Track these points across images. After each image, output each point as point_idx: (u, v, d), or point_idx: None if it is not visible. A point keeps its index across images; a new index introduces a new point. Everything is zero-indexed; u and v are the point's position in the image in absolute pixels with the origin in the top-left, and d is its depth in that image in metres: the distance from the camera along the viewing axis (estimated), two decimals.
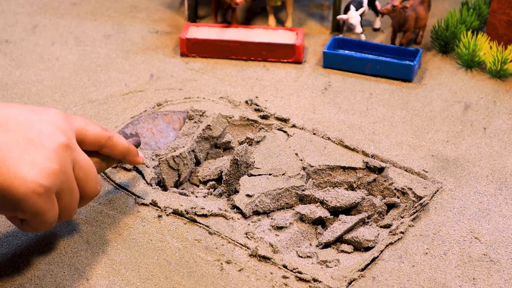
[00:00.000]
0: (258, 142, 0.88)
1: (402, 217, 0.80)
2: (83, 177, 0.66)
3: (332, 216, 0.79)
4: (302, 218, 0.78)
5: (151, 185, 0.82)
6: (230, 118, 0.93)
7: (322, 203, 0.80)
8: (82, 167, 0.66)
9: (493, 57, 1.05)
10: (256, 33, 1.13)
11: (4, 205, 0.61)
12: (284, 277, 0.70)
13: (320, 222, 0.79)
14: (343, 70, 1.08)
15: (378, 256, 0.74)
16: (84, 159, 0.66)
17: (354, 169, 0.85)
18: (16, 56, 1.10)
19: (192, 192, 0.83)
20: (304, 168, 0.85)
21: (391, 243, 0.75)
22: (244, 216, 0.78)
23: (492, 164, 0.88)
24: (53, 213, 0.63)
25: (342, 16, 1.12)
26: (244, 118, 0.94)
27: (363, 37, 1.14)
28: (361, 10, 1.12)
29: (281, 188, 0.81)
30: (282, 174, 0.83)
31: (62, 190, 0.63)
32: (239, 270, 0.71)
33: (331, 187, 0.83)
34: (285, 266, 0.71)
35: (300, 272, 0.71)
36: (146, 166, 0.84)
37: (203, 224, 0.76)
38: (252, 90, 1.02)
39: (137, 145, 0.78)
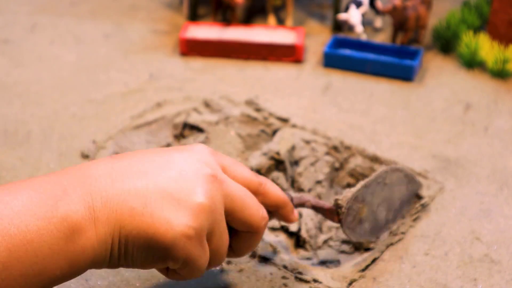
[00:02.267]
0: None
1: (403, 218, 0.79)
2: (240, 207, 0.58)
3: None
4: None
5: None
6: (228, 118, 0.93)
7: None
8: (237, 197, 0.58)
9: (494, 57, 1.05)
10: (256, 33, 1.13)
11: (152, 256, 0.55)
12: (284, 277, 0.70)
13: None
14: (343, 70, 1.08)
15: (378, 257, 0.73)
16: (238, 188, 0.58)
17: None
18: (15, 55, 1.10)
19: None
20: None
21: (391, 244, 0.75)
22: None
23: (494, 164, 0.88)
24: (205, 258, 0.56)
25: (342, 15, 1.12)
26: (245, 114, 0.93)
27: (363, 37, 1.13)
28: (361, 9, 1.11)
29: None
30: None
31: (212, 230, 0.56)
32: (239, 271, 0.71)
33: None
34: (285, 267, 0.71)
35: (300, 273, 0.70)
36: None
37: None
38: (252, 90, 1.02)
39: (290, 199, 0.68)
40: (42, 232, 0.51)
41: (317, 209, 0.71)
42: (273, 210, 0.64)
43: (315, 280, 0.70)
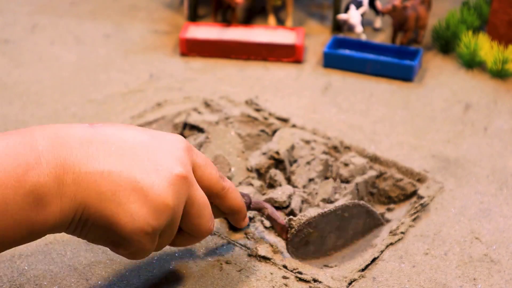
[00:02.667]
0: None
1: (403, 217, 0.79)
2: (195, 214, 0.60)
3: None
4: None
5: None
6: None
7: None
8: (197, 204, 0.60)
9: (494, 57, 1.05)
10: (256, 33, 1.13)
11: (106, 239, 0.57)
12: (284, 277, 0.70)
13: None
14: (343, 70, 1.08)
15: (378, 257, 0.73)
16: (201, 196, 0.60)
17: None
18: (15, 55, 1.10)
19: None
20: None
21: (391, 244, 0.75)
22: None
23: (493, 164, 0.88)
24: (152, 250, 0.59)
25: (342, 16, 1.12)
26: (245, 114, 0.94)
27: (363, 37, 1.13)
28: (361, 10, 1.11)
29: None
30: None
31: (167, 229, 0.58)
32: (239, 271, 0.71)
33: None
34: (285, 267, 0.71)
35: (300, 273, 0.70)
36: None
37: None
38: (252, 90, 1.02)
39: (248, 204, 0.70)
40: (8, 201, 0.51)
41: (270, 219, 0.73)
42: (227, 213, 0.67)
43: (315, 280, 0.70)
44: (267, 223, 0.77)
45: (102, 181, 0.54)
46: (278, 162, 0.83)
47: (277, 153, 0.82)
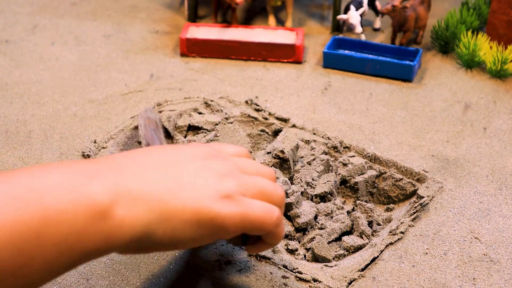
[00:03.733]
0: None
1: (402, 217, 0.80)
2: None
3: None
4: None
5: None
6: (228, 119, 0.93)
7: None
8: (247, 165, 0.63)
9: (493, 57, 1.05)
10: (256, 33, 1.13)
11: (206, 234, 0.58)
12: (284, 277, 0.70)
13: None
14: (343, 70, 1.08)
15: (378, 256, 0.74)
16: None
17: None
18: (16, 56, 1.10)
19: None
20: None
21: (391, 243, 0.75)
22: None
23: (492, 164, 0.88)
24: (258, 209, 0.59)
25: (342, 16, 1.12)
26: (245, 114, 0.94)
27: (363, 37, 1.13)
28: (361, 10, 1.12)
29: None
30: None
31: (245, 185, 0.60)
32: (239, 270, 0.71)
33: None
34: (285, 266, 0.71)
35: (300, 272, 0.71)
36: None
37: None
38: (252, 90, 1.02)
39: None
40: (76, 204, 0.51)
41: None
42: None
43: (314, 280, 0.70)
44: None
45: (166, 181, 0.56)
46: (282, 161, 0.83)
47: (282, 152, 0.83)
